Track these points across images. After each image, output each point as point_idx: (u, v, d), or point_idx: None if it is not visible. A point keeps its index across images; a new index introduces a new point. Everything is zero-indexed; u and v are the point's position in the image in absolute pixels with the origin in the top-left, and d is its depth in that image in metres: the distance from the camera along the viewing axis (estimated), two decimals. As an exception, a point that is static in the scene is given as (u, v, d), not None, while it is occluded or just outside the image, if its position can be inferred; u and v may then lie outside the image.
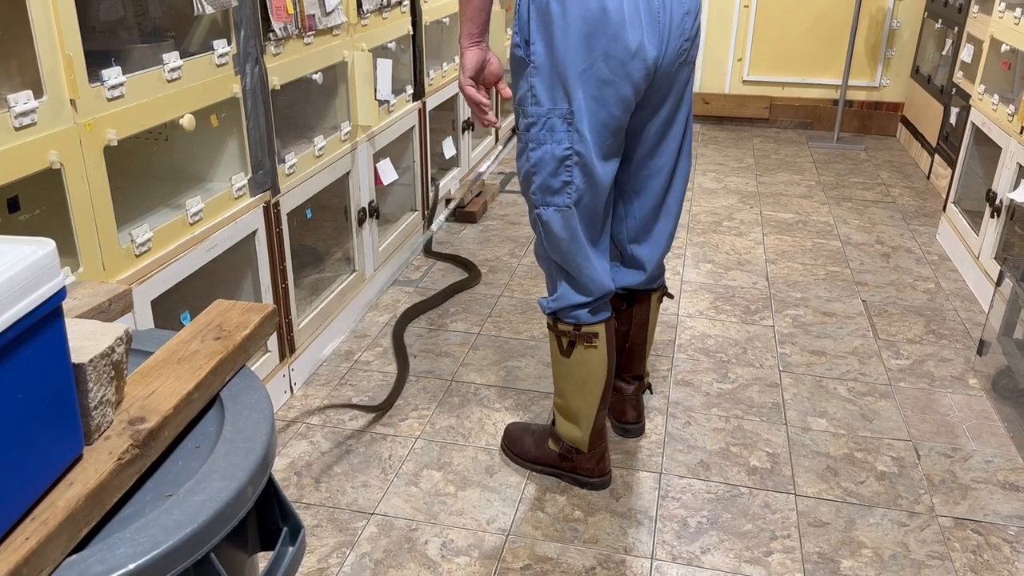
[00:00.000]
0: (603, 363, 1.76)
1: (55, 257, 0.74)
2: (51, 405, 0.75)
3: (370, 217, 2.64)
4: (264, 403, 0.95)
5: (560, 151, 1.56)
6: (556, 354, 1.79)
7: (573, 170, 1.58)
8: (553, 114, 1.54)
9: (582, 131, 1.55)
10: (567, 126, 1.55)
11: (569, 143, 1.55)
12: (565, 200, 1.60)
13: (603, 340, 1.74)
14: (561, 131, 1.55)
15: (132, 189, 1.88)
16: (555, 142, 1.56)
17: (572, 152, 1.56)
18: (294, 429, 2.10)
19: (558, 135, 1.55)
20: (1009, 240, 2.71)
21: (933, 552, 1.74)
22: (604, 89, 1.52)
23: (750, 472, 1.97)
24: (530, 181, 1.63)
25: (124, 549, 0.73)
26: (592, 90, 1.52)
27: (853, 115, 4.89)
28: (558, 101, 1.54)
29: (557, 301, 1.73)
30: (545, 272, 1.78)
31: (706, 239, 3.34)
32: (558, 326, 1.75)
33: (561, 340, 1.76)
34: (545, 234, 1.67)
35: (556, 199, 1.61)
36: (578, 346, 1.74)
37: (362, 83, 2.45)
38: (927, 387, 2.33)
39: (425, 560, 1.69)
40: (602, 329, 1.74)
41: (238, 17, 1.82)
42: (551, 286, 1.76)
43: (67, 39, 1.37)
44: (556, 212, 1.62)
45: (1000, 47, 2.98)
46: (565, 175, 1.58)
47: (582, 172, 1.58)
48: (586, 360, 1.76)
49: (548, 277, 1.77)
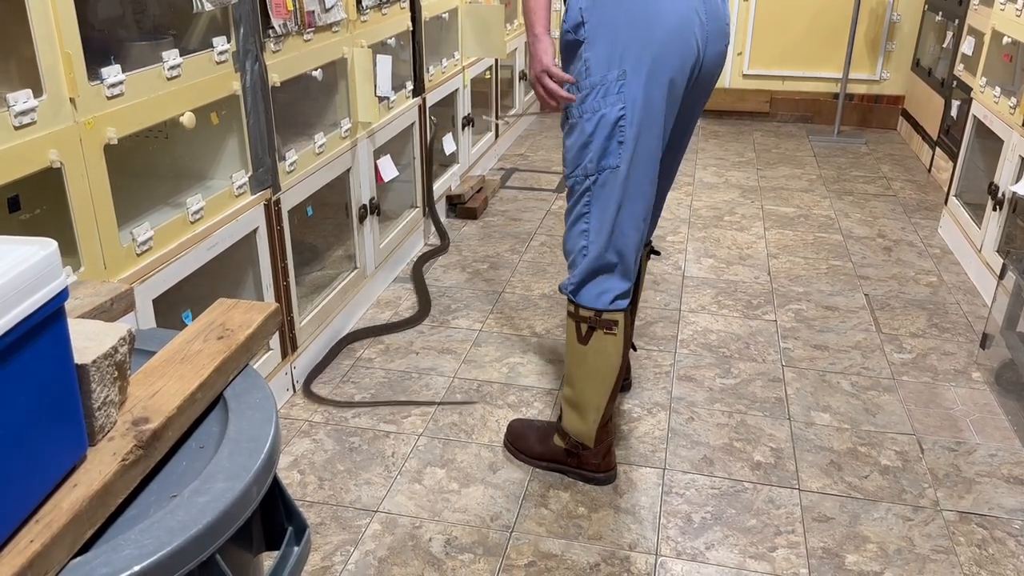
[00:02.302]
0: (618, 352, 1.77)
1: (57, 258, 0.73)
2: (54, 406, 0.75)
3: (371, 214, 2.64)
4: (268, 402, 0.94)
5: (615, 113, 1.61)
6: (573, 341, 1.80)
7: (626, 130, 1.62)
8: (607, 79, 1.60)
9: (634, 91, 1.60)
10: (620, 88, 1.60)
11: (623, 103, 1.61)
12: (615, 161, 1.65)
13: (621, 329, 1.76)
14: (614, 94, 1.61)
15: (132, 188, 1.87)
16: (609, 105, 1.61)
17: (625, 112, 1.61)
18: (297, 427, 2.09)
19: (611, 98, 1.61)
20: (1011, 233, 2.70)
21: (938, 546, 1.73)
22: (663, 58, 1.59)
23: (754, 467, 1.96)
24: (585, 151, 1.66)
25: (129, 551, 0.72)
26: (649, 53, 1.58)
27: (854, 109, 4.88)
28: (612, 66, 1.59)
29: (578, 275, 1.74)
30: (570, 254, 1.77)
31: (707, 234, 3.34)
32: (579, 311, 1.76)
33: (580, 326, 1.77)
34: (592, 204, 1.69)
35: (608, 161, 1.65)
36: (597, 332, 1.76)
37: (362, 80, 2.44)
38: (930, 381, 2.33)
39: (429, 557, 1.69)
40: (622, 318, 1.76)
41: (237, 14, 1.82)
42: (575, 266, 1.76)
43: (66, 37, 1.36)
44: (610, 175, 1.66)
45: (1002, 39, 2.97)
46: (619, 136, 1.63)
47: (634, 134, 1.63)
48: (603, 348, 1.77)
49: (574, 259, 1.76)
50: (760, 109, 5.02)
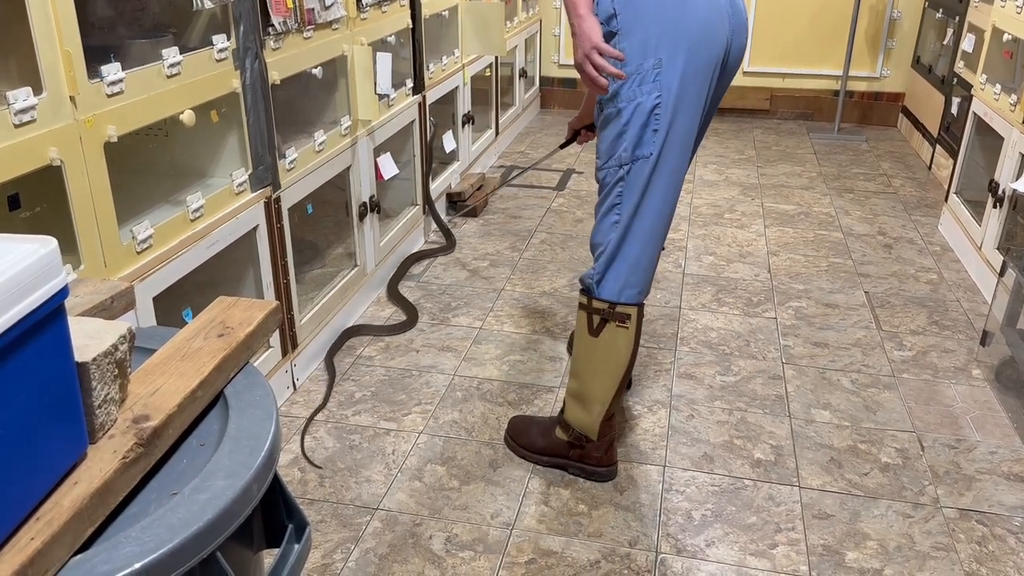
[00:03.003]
0: (629, 346, 1.77)
1: (57, 256, 0.73)
2: (55, 404, 0.75)
3: (371, 212, 2.63)
4: (268, 400, 0.94)
5: (651, 101, 1.62)
6: (583, 333, 1.80)
7: (662, 118, 1.63)
8: (643, 68, 1.60)
9: (670, 79, 1.61)
10: (656, 76, 1.61)
11: (659, 92, 1.61)
12: (649, 150, 1.65)
13: (634, 323, 1.76)
14: (650, 82, 1.61)
15: (133, 185, 1.87)
16: (645, 94, 1.62)
17: (661, 100, 1.62)
18: (297, 425, 2.09)
19: (647, 86, 1.61)
20: (1011, 230, 2.70)
21: (938, 543, 1.74)
22: (697, 48, 1.60)
23: (754, 465, 1.97)
24: (620, 141, 1.66)
25: (130, 548, 0.72)
26: (684, 43, 1.59)
27: (854, 106, 4.88)
28: (648, 55, 1.60)
29: (603, 266, 1.73)
30: (599, 246, 1.75)
31: (707, 231, 3.34)
32: (592, 303, 1.76)
33: (592, 318, 1.77)
34: (625, 193, 1.69)
35: (642, 150, 1.65)
36: (609, 324, 1.76)
37: (362, 77, 2.44)
38: (930, 378, 2.33)
39: (430, 555, 1.69)
40: (635, 312, 1.76)
41: (237, 12, 1.82)
42: (603, 258, 1.74)
43: (66, 35, 1.36)
44: (644, 164, 1.66)
45: (1002, 36, 2.97)
46: (654, 124, 1.63)
47: (668, 121, 1.63)
48: (613, 341, 1.77)
49: (604, 250, 1.74)
50: (760, 106, 5.01)
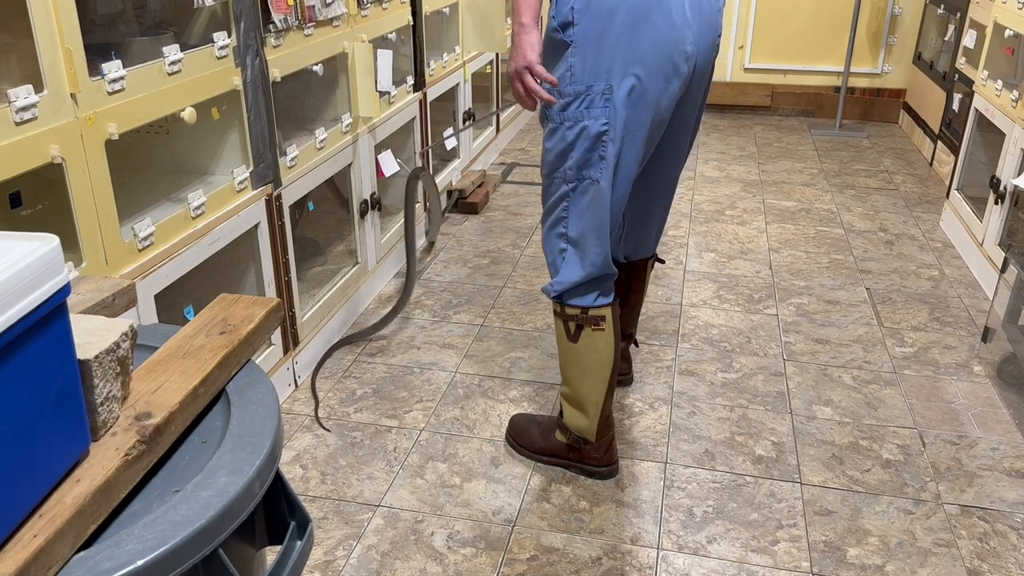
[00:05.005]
0: (610, 346, 1.77)
1: (59, 253, 0.73)
2: (57, 402, 0.75)
3: (372, 209, 2.63)
4: (270, 397, 0.94)
5: (597, 127, 1.58)
6: (563, 340, 1.80)
7: (608, 147, 1.60)
8: (592, 91, 1.56)
9: (619, 108, 1.57)
10: (605, 102, 1.56)
11: (606, 119, 1.57)
12: (596, 174, 1.62)
13: (610, 323, 1.75)
14: (599, 107, 1.57)
15: (134, 183, 1.87)
16: (592, 118, 1.58)
17: (608, 128, 1.58)
18: (299, 422, 2.10)
19: (595, 111, 1.57)
20: (1013, 227, 2.70)
21: (939, 540, 1.74)
22: (651, 77, 1.55)
23: (755, 461, 1.97)
24: (565, 158, 1.64)
25: (132, 545, 0.73)
26: (636, 72, 1.55)
27: (855, 102, 4.87)
28: (599, 78, 1.55)
29: (561, 283, 1.73)
30: (549, 255, 1.77)
31: (709, 228, 3.34)
32: (565, 311, 1.76)
33: (568, 325, 1.77)
34: (571, 209, 1.68)
35: (589, 172, 1.63)
36: (585, 329, 1.75)
37: (363, 74, 2.44)
38: (932, 375, 2.33)
39: (431, 552, 1.69)
40: (609, 312, 1.75)
41: (238, 9, 1.81)
42: (555, 269, 1.76)
43: (67, 33, 1.36)
44: (590, 185, 1.64)
45: (1004, 32, 2.96)
46: (600, 150, 1.60)
47: (616, 151, 1.61)
48: (593, 344, 1.76)
49: (553, 260, 1.76)
50: (761, 103, 5.01)
